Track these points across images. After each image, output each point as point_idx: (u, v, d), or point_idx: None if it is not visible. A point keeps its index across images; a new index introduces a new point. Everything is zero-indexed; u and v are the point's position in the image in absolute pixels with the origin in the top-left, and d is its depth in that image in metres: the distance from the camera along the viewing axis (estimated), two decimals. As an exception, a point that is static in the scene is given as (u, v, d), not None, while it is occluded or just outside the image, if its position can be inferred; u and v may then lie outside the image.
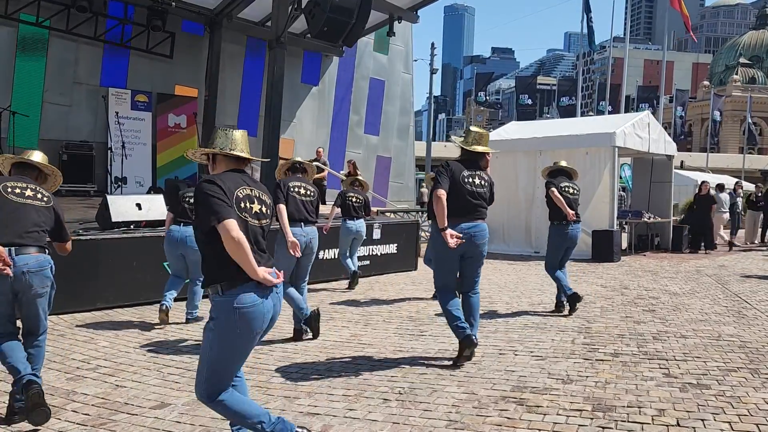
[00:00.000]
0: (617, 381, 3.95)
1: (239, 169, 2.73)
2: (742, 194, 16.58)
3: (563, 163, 6.79)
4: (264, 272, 2.49)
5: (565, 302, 6.25)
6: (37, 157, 3.66)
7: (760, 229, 15.42)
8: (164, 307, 5.45)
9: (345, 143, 16.47)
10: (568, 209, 6.23)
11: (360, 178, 8.60)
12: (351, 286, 7.93)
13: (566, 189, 6.42)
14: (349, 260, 8.00)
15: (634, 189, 14.60)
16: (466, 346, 4.35)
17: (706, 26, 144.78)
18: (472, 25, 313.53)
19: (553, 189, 6.32)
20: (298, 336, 5.15)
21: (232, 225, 2.44)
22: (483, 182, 4.61)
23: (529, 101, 40.04)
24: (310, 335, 5.18)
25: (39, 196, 3.51)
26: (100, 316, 5.89)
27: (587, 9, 25.50)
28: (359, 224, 7.89)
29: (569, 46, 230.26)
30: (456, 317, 4.40)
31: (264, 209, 2.68)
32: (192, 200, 5.56)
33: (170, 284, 5.59)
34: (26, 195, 3.44)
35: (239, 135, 2.77)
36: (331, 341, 5.11)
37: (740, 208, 16.07)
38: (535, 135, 12.56)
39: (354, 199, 7.88)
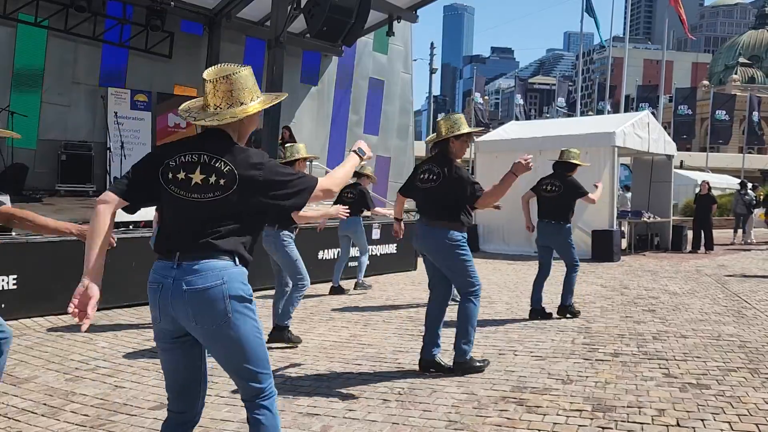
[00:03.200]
0: (617, 381, 3.94)
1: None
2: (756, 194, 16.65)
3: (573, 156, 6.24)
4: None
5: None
6: None
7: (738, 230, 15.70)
8: None
9: (344, 143, 16.45)
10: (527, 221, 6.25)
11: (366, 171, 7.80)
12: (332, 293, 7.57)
13: (544, 188, 6.23)
14: (338, 267, 7.61)
15: (634, 189, 14.59)
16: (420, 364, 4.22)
17: (705, 26, 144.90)
18: (471, 25, 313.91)
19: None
20: None
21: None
22: (430, 176, 4.18)
23: (529, 101, 40.04)
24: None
25: None
26: (99, 317, 5.88)
27: (589, 8, 25.51)
28: (347, 222, 7.33)
29: (569, 46, 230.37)
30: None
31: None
32: None
33: None
34: None
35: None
36: (331, 341, 5.10)
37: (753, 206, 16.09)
38: (534, 135, 12.57)
39: (347, 195, 7.41)
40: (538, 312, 6.08)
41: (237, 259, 2.11)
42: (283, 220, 4.75)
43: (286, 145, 5.47)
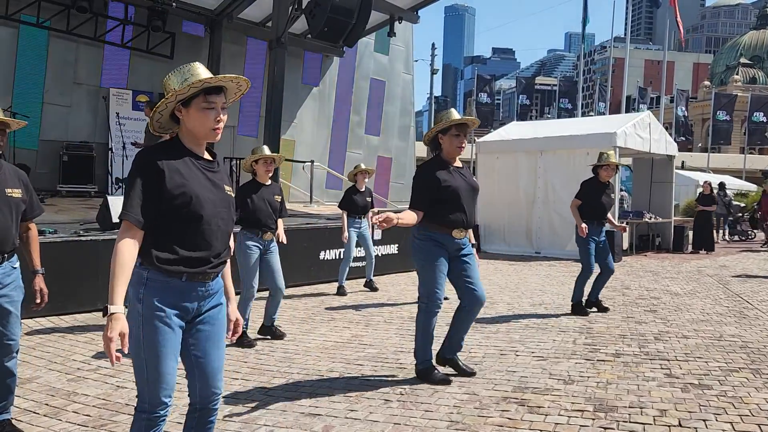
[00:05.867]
0: (619, 381, 3.94)
1: None
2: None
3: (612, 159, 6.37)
4: None
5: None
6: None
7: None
8: None
9: (346, 144, 16.47)
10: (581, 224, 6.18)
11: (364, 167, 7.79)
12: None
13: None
14: (345, 268, 7.57)
15: (635, 189, 14.59)
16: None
17: (706, 26, 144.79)
18: (472, 26, 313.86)
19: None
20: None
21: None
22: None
23: (530, 102, 40.02)
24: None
25: None
26: (101, 317, 5.88)
27: (585, 7, 25.54)
28: (362, 224, 7.55)
29: (570, 47, 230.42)
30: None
31: None
32: None
33: None
34: None
35: None
36: (332, 342, 5.10)
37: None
38: (536, 135, 12.56)
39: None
40: (592, 304, 6.40)
41: None
42: None
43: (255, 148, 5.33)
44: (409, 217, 3.80)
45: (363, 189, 7.56)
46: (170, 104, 2.12)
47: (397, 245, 9.48)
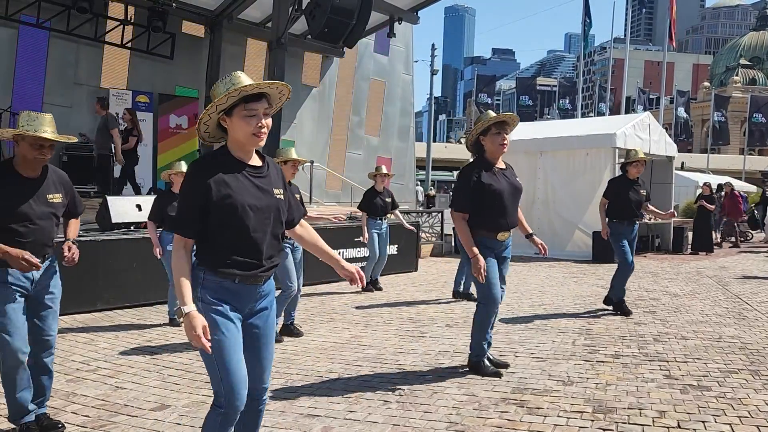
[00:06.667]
0: (618, 383, 3.94)
1: None
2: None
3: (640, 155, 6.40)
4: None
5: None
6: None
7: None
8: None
9: (345, 144, 16.47)
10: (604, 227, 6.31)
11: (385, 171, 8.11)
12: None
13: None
14: (371, 266, 7.88)
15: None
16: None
17: (706, 27, 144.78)
18: (472, 26, 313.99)
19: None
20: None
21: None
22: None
23: (530, 102, 40.09)
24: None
25: None
26: (100, 318, 5.89)
27: (587, 6, 25.60)
28: (383, 225, 7.90)
29: (570, 47, 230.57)
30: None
31: None
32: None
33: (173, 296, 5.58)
34: None
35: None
36: (332, 342, 5.10)
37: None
38: (535, 136, 12.56)
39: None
40: (609, 301, 6.53)
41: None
42: None
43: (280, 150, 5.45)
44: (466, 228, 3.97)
45: (382, 190, 7.73)
46: (213, 114, 2.21)
47: (396, 246, 9.48)
